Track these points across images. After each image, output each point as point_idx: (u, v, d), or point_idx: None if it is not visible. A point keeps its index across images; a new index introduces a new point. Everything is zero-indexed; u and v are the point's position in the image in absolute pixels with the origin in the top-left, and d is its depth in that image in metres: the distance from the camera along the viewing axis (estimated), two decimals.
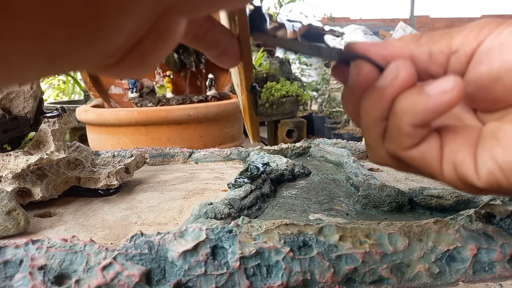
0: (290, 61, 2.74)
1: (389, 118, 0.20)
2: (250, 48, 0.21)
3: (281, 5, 2.35)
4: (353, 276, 0.29)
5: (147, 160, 0.62)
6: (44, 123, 0.49)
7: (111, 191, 0.52)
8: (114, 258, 0.26)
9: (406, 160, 0.20)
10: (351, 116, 0.23)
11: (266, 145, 0.79)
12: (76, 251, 0.27)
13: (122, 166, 0.54)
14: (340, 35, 3.00)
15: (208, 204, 0.38)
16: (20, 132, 0.45)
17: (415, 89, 0.19)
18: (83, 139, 1.79)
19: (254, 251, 0.28)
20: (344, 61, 0.22)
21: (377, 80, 0.20)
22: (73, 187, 0.52)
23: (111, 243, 0.37)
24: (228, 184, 0.47)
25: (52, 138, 0.49)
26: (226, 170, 0.64)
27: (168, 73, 1.39)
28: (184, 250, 0.27)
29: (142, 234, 0.28)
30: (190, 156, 0.72)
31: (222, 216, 0.37)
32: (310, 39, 4.32)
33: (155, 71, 1.42)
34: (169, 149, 0.73)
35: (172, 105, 1.28)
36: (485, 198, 0.41)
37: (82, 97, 2.58)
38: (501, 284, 0.29)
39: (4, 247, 0.27)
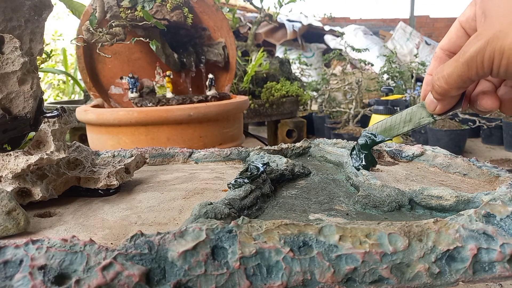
0: (290, 61, 2.74)
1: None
2: None
3: (281, 5, 2.35)
4: (353, 276, 0.29)
5: (147, 160, 0.62)
6: (44, 123, 0.49)
7: (111, 191, 0.52)
8: (114, 258, 0.26)
9: None
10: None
11: (266, 145, 0.79)
12: (76, 251, 0.27)
13: (122, 166, 0.54)
14: (340, 35, 3.00)
15: (208, 204, 0.38)
16: (20, 132, 0.45)
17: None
18: (83, 139, 1.79)
19: (254, 251, 0.28)
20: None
21: None
22: (73, 187, 0.52)
23: (111, 243, 0.37)
24: (228, 184, 0.47)
25: (52, 138, 0.49)
26: (226, 170, 0.64)
27: (168, 73, 1.39)
28: (184, 250, 0.27)
29: (142, 234, 0.28)
30: (190, 156, 0.72)
31: (222, 216, 0.37)
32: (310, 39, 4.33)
33: (155, 71, 1.42)
34: (169, 149, 0.73)
35: (172, 105, 1.28)
36: (485, 198, 0.41)
37: (82, 97, 2.58)
38: (501, 284, 0.29)
39: (4, 247, 0.27)
